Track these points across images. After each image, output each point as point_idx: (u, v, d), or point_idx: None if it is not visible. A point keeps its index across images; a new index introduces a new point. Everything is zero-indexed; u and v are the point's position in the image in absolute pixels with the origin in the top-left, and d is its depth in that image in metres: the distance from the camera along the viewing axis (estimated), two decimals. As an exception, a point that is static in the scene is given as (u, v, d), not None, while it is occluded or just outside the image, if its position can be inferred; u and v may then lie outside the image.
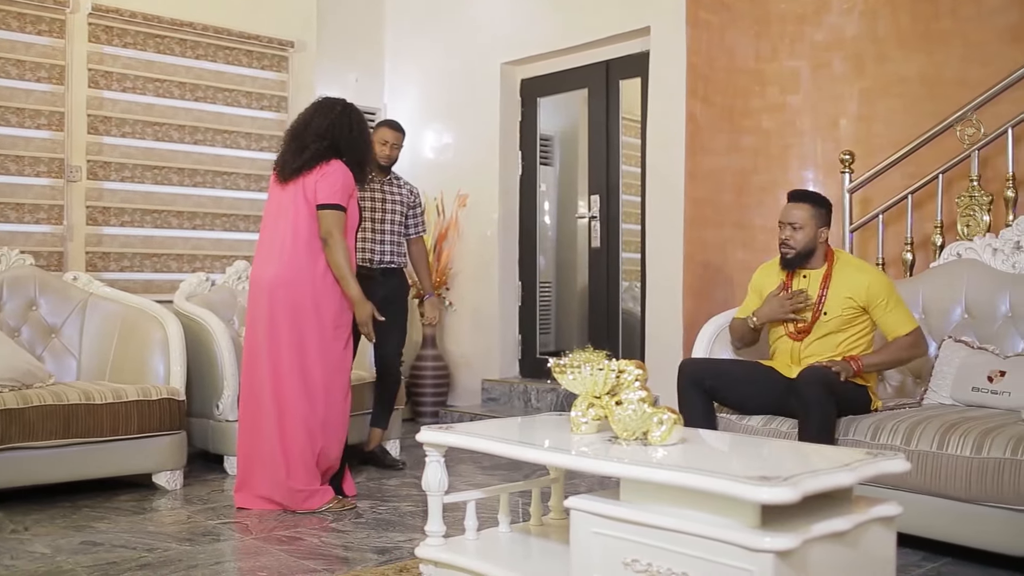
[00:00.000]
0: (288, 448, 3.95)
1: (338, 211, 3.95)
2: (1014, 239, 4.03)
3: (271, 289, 3.98)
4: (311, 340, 3.96)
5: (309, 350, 3.96)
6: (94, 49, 5.56)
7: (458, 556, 2.63)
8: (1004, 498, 2.99)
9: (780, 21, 5.38)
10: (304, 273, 3.96)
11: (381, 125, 5.02)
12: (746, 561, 1.89)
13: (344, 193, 3.99)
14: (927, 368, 4.00)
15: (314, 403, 3.97)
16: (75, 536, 3.58)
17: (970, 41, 4.77)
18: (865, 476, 2.11)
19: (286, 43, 6.30)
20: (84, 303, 4.87)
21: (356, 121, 4.12)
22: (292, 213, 3.99)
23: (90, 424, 4.14)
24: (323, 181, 3.96)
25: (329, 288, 3.99)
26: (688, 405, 3.73)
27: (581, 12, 5.93)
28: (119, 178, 5.65)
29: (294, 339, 3.95)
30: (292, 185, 4.02)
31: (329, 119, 4.06)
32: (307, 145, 4.02)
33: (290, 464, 3.95)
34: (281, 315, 3.96)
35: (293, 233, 3.98)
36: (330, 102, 4.15)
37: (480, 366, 6.55)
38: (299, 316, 3.95)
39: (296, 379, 3.95)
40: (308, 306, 3.96)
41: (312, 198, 3.96)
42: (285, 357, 3.96)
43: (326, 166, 3.98)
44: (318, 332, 3.97)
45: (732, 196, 5.40)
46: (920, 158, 4.67)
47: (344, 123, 4.07)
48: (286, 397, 3.96)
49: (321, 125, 4.05)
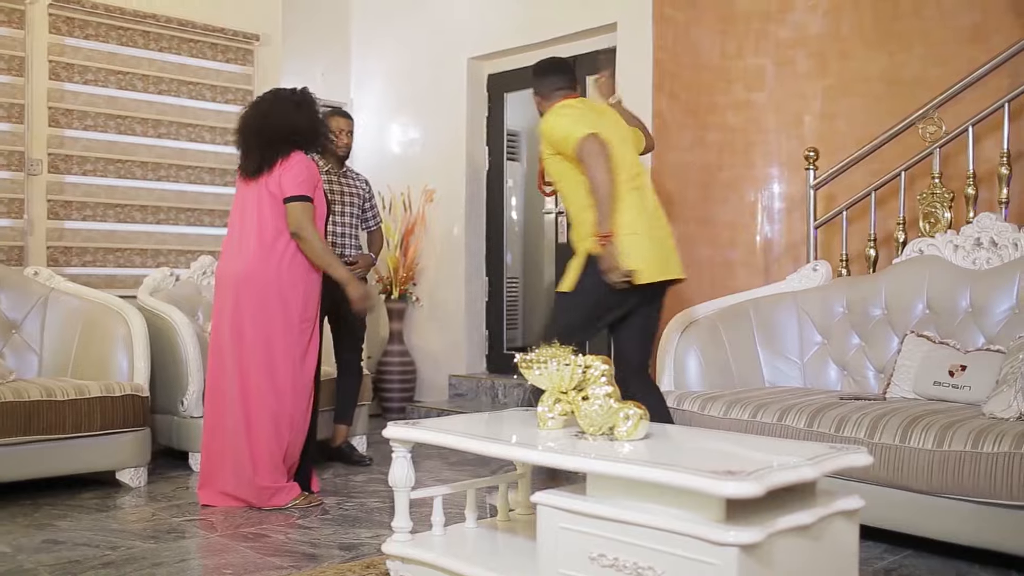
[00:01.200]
0: (254, 444, 3.93)
1: (305, 202, 3.94)
2: (975, 236, 4.08)
3: (236, 284, 3.97)
4: (277, 335, 3.94)
5: (275, 345, 3.94)
6: (55, 40, 5.47)
7: (425, 552, 2.63)
8: (965, 490, 3.04)
9: (745, 18, 5.42)
10: (270, 268, 3.94)
11: (333, 115, 4.98)
12: (711, 555, 1.91)
13: (309, 184, 3.98)
14: (890, 362, 4.05)
15: (281, 399, 3.95)
16: (37, 535, 3.53)
17: (931, 40, 4.83)
18: (829, 470, 2.13)
19: (251, 36, 6.24)
20: (45, 298, 4.80)
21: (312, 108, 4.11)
22: (256, 209, 3.98)
23: (52, 421, 4.08)
24: (287, 175, 3.94)
25: (295, 283, 3.97)
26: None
27: (548, 7, 5.94)
28: (81, 171, 5.57)
29: (260, 335, 3.93)
30: (256, 181, 4.00)
31: (285, 112, 4.04)
32: (268, 139, 4.01)
33: (256, 461, 3.93)
34: (247, 310, 3.94)
35: (258, 228, 3.97)
36: (284, 93, 4.14)
37: (447, 362, 6.55)
38: (265, 311, 3.93)
39: (262, 375, 3.93)
40: (274, 301, 3.94)
41: (277, 192, 3.95)
42: (250, 353, 3.94)
43: (288, 159, 3.97)
44: (284, 327, 3.95)
45: (698, 191, 5.44)
46: (883, 155, 4.73)
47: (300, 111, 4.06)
48: (252, 393, 3.94)
49: (279, 117, 4.03)
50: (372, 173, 6.77)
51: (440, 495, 2.79)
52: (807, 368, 4.39)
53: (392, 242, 6.55)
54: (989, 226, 4.05)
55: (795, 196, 5.28)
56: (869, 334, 4.24)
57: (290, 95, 4.13)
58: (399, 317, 6.63)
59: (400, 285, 6.55)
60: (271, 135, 4.01)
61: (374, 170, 6.83)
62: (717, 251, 5.44)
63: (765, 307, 4.48)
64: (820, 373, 4.35)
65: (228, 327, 3.98)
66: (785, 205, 5.37)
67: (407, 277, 6.57)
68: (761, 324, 4.44)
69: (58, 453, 4.14)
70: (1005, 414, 3.25)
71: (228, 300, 3.99)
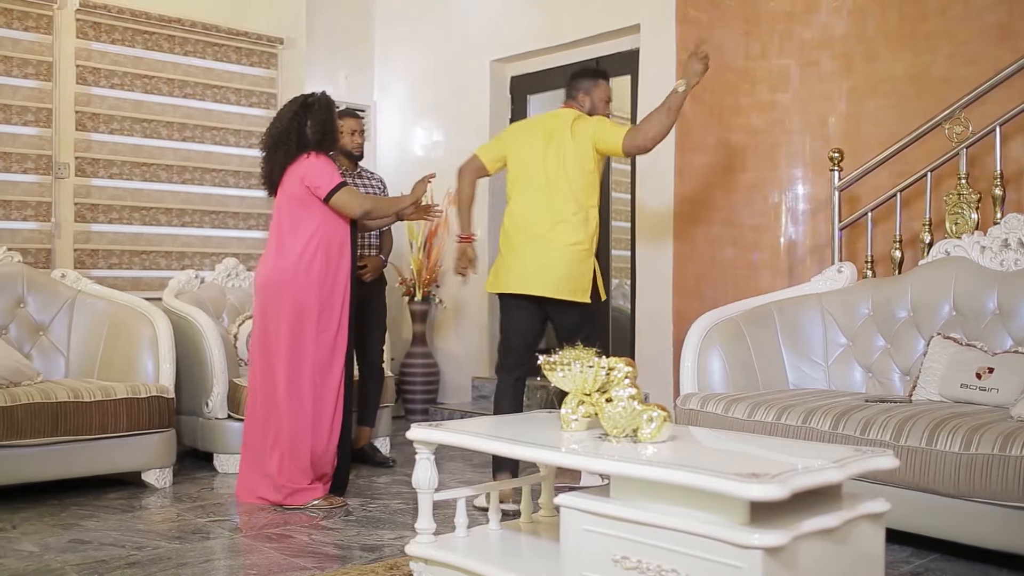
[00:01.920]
0: (277, 444, 4.00)
1: (345, 187, 4.04)
2: (1002, 237, 4.04)
3: (259, 289, 4.10)
4: (296, 339, 4.01)
5: (295, 349, 4.01)
6: (82, 45, 5.53)
7: (448, 554, 2.63)
8: (993, 494, 3.01)
9: (769, 19, 5.39)
10: (287, 274, 4.02)
11: (343, 115, 4.97)
12: (736, 558, 1.90)
13: (336, 174, 4.07)
14: (916, 365, 4.02)
15: (302, 401, 3.99)
16: (64, 534, 3.56)
17: (957, 40, 4.78)
18: (854, 472, 2.12)
19: (275, 40, 6.28)
20: (72, 300, 4.85)
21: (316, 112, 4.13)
22: (277, 217, 4.11)
23: (79, 422, 4.12)
24: (312, 177, 4.01)
25: (311, 287, 4.02)
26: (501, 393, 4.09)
27: (571, 9, 5.93)
28: (107, 175, 5.62)
29: (280, 338, 4.01)
30: (277, 191, 4.14)
31: (291, 118, 4.11)
32: (276, 151, 4.11)
33: (279, 460, 4.00)
34: (268, 314, 4.05)
35: (278, 236, 4.08)
36: (290, 103, 4.21)
37: (470, 363, 6.55)
38: (283, 315, 4.01)
39: (284, 377, 3.99)
40: (289, 305, 4.01)
41: (295, 194, 4.02)
42: (273, 355, 4.02)
43: (301, 162, 4.04)
44: (301, 331, 4.02)
45: (721, 194, 5.41)
46: (908, 156, 4.68)
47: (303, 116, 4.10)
48: (275, 394, 4.01)
49: (285, 127, 4.11)
50: (395, 176, 6.79)
51: (463, 497, 2.79)
52: (832, 370, 4.36)
53: (415, 244, 6.56)
54: (1016, 227, 4.01)
55: (820, 197, 5.25)
56: (894, 336, 4.21)
57: (303, 99, 4.19)
58: (422, 319, 6.64)
59: (423, 287, 6.56)
60: (282, 142, 4.10)
61: (397, 173, 6.84)
62: (741, 253, 5.41)
63: (789, 309, 4.46)
64: (845, 375, 4.32)
65: (257, 330, 4.10)
66: (809, 206, 5.33)
67: (430, 279, 6.58)
68: (785, 326, 4.41)
69: (85, 454, 4.18)
70: (1033, 417, 3.22)
71: (257, 304, 4.13)
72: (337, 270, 4.07)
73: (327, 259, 4.04)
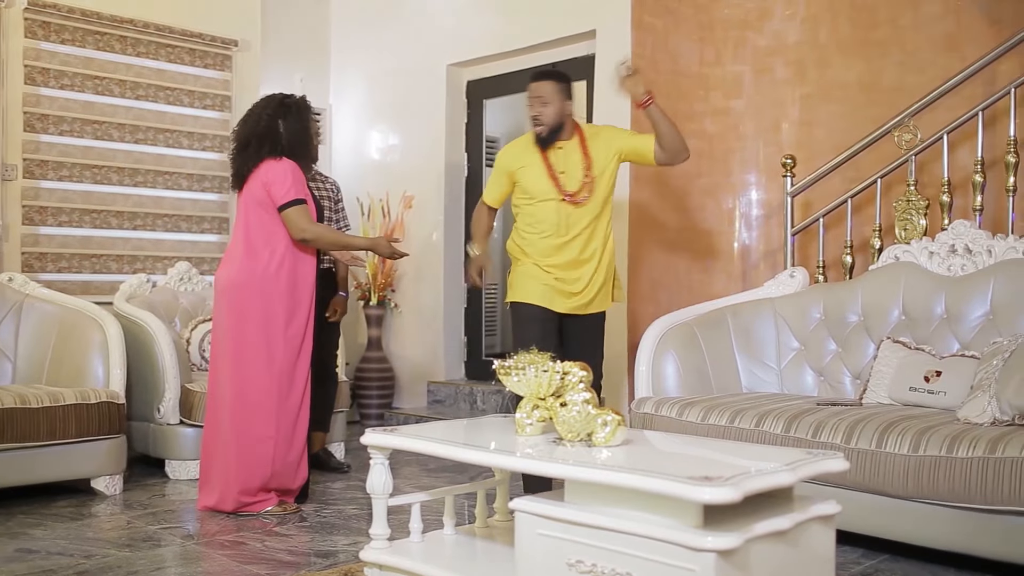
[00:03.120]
0: (238, 451, 3.92)
1: (300, 205, 3.94)
2: (949, 242, 4.12)
3: (222, 292, 4.00)
4: (261, 344, 3.92)
5: (260, 354, 3.92)
6: (30, 45, 5.43)
7: (403, 559, 2.62)
8: (940, 495, 3.06)
9: (723, 26, 5.45)
10: (253, 277, 3.93)
11: None
12: (689, 561, 1.91)
13: (299, 186, 3.97)
14: (866, 368, 4.07)
15: (265, 407, 3.93)
16: (10, 543, 3.49)
17: (907, 49, 4.87)
18: (805, 475, 2.14)
19: (229, 41, 6.22)
20: (20, 304, 4.76)
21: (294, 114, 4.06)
22: (243, 218, 4.01)
23: (26, 428, 4.04)
24: (274, 184, 3.92)
25: (280, 293, 3.94)
26: None
27: (527, 15, 5.94)
28: (57, 177, 5.53)
29: (242, 343, 3.92)
30: (243, 190, 4.04)
31: (267, 116, 4.02)
32: (247, 147, 4.01)
33: (238, 467, 3.93)
34: (232, 318, 3.95)
35: (244, 237, 3.98)
36: (267, 100, 4.12)
37: (426, 368, 6.54)
38: (248, 319, 3.92)
39: (246, 383, 3.92)
40: (257, 308, 3.92)
41: (260, 198, 3.94)
42: (233, 361, 3.93)
43: (268, 166, 3.95)
44: (267, 336, 3.93)
45: (676, 199, 5.45)
46: (859, 163, 4.76)
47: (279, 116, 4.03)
48: (237, 399, 3.93)
49: (259, 124, 4.02)
50: (351, 179, 6.76)
51: (418, 502, 2.78)
52: (784, 374, 4.41)
53: (371, 248, 6.53)
54: (964, 233, 4.09)
55: (772, 203, 5.31)
56: (845, 340, 4.27)
57: (280, 99, 4.10)
58: (377, 323, 6.61)
59: (378, 291, 6.54)
60: (252, 141, 4.00)
61: (353, 176, 6.82)
62: (695, 257, 5.46)
63: (743, 313, 4.50)
64: (797, 379, 4.37)
65: (219, 334, 4.01)
66: (763, 212, 5.40)
67: (385, 283, 6.56)
68: (739, 330, 4.45)
69: (32, 461, 4.10)
70: (979, 419, 3.28)
71: (219, 307, 4.03)
72: (305, 277, 4.02)
73: (295, 265, 3.98)
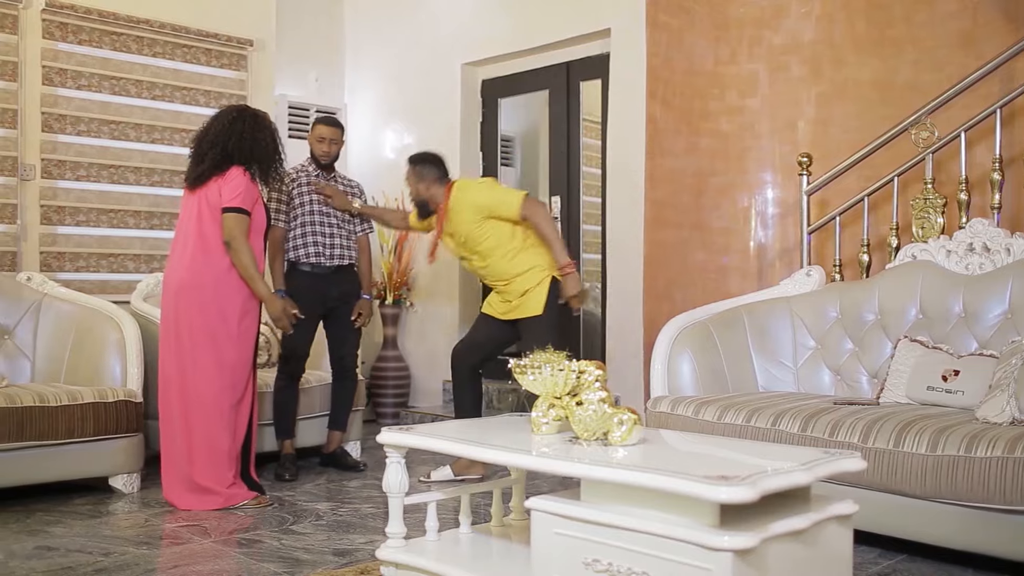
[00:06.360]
0: (197, 447, 4.04)
1: (240, 214, 4.05)
2: (967, 241, 4.09)
3: (176, 292, 4.09)
4: (216, 341, 4.05)
5: (215, 352, 4.05)
6: (48, 45, 5.47)
7: (419, 558, 2.63)
8: (958, 495, 3.04)
9: (738, 25, 5.43)
10: (207, 276, 4.05)
11: (317, 122, 4.98)
12: (705, 560, 1.91)
13: (247, 197, 4.08)
14: (884, 367, 4.06)
15: (221, 403, 4.05)
16: (29, 541, 3.52)
17: (923, 47, 4.85)
18: (822, 475, 2.13)
19: (244, 41, 6.24)
20: (38, 304, 4.79)
21: (250, 127, 4.17)
22: (196, 219, 4.10)
23: (45, 427, 4.07)
24: (225, 187, 4.06)
25: (232, 289, 4.08)
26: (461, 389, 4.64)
27: (542, 13, 5.94)
28: (74, 177, 5.56)
29: (197, 342, 4.04)
30: (197, 193, 4.13)
31: (223, 127, 4.14)
32: (205, 154, 4.13)
33: (199, 463, 4.04)
34: (186, 317, 4.06)
35: (197, 238, 4.08)
36: (226, 110, 4.25)
37: (441, 367, 6.53)
38: (204, 318, 4.04)
39: (203, 380, 4.04)
40: (212, 308, 4.05)
41: (215, 203, 4.06)
42: (190, 359, 4.05)
43: (226, 173, 4.08)
44: (222, 335, 4.06)
45: (691, 198, 5.44)
46: (876, 161, 4.73)
47: (237, 130, 4.14)
48: (193, 398, 4.04)
49: (216, 134, 4.14)
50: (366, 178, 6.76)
51: (434, 500, 2.78)
52: (800, 373, 4.39)
53: (386, 248, 6.55)
54: (981, 231, 4.06)
55: (788, 201, 5.29)
56: (862, 339, 4.25)
57: (241, 108, 4.25)
58: (393, 322, 6.62)
59: (394, 290, 6.55)
60: (208, 148, 4.11)
61: (368, 176, 6.82)
62: (710, 257, 5.45)
63: (759, 312, 4.49)
64: (813, 378, 4.36)
65: (170, 333, 4.10)
66: (778, 210, 5.38)
67: (401, 282, 6.57)
68: (755, 329, 4.44)
69: (51, 459, 4.13)
70: (998, 419, 3.26)
71: (169, 307, 4.12)
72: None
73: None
